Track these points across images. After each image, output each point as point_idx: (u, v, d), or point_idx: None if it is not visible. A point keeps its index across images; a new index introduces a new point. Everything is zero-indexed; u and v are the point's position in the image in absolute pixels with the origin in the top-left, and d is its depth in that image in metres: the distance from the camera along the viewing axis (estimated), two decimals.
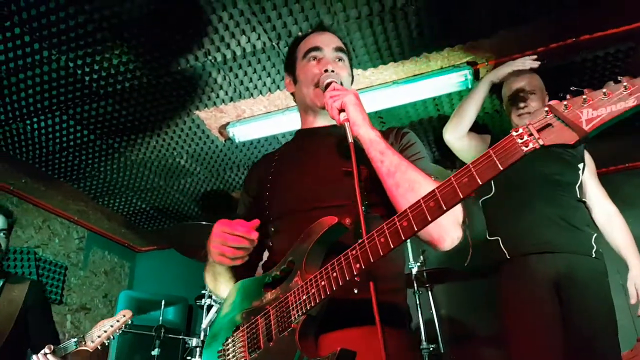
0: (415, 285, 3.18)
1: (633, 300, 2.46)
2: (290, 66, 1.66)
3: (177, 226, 4.53)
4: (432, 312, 3.18)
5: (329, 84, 1.40)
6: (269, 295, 1.27)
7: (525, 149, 0.89)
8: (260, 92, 3.05)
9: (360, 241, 1.07)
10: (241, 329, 1.29)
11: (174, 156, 3.71)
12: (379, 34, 2.65)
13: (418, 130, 3.56)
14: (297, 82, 1.60)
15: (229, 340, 1.31)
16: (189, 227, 3.44)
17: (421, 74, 3.00)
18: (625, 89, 0.83)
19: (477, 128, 3.26)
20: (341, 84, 1.44)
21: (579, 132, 0.85)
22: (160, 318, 3.83)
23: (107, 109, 3.14)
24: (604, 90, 0.85)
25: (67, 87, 2.92)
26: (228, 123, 3.36)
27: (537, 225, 2.45)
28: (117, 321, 2.83)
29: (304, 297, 1.14)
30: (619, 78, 0.86)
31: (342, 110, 1.31)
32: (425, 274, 3.15)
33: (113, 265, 5.27)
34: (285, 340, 1.15)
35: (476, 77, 3.00)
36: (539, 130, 0.89)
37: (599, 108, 0.84)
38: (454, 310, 3.95)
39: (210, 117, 3.29)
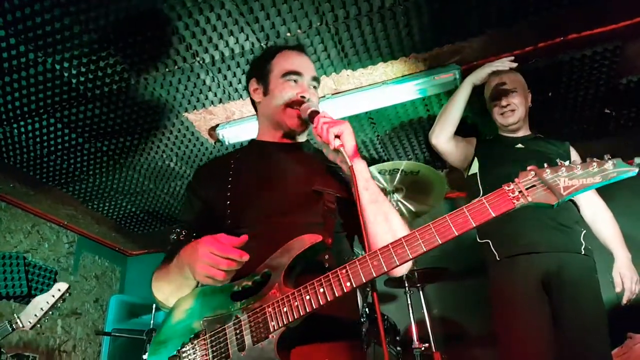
0: (406, 284, 3.17)
1: (618, 289, 2.51)
2: (261, 75, 1.68)
3: (168, 230, 4.50)
4: (423, 312, 3.18)
5: (316, 112, 1.47)
6: (238, 305, 1.28)
7: (516, 202, 1.09)
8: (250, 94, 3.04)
9: (352, 261, 1.18)
10: (201, 337, 1.27)
11: (163, 159, 3.69)
12: (367, 34, 2.65)
13: (408, 130, 3.57)
14: (268, 94, 1.63)
15: (186, 348, 1.27)
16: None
17: (410, 74, 3.00)
18: (595, 166, 1.05)
19: (466, 128, 3.29)
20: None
21: (558, 196, 1.05)
22: (152, 322, 3.81)
23: (95, 112, 3.11)
24: (579, 165, 1.06)
25: (54, 90, 2.89)
26: (217, 125, 3.34)
27: (525, 227, 2.47)
28: (53, 296, 2.77)
29: (285, 310, 1.19)
30: (588, 160, 1.08)
31: (336, 136, 1.37)
32: (416, 273, 3.15)
33: (104, 269, 5.22)
34: (260, 350, 1.19)
35: (465, 76, 3.01)
36: (527, 189, 1.09)
37: (573, 179, 1.06)
38: (445, 310, 3.96)
39: (199, 119, 3.27)
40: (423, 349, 2.91)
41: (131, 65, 2.75)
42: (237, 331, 1.23)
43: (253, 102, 1.77)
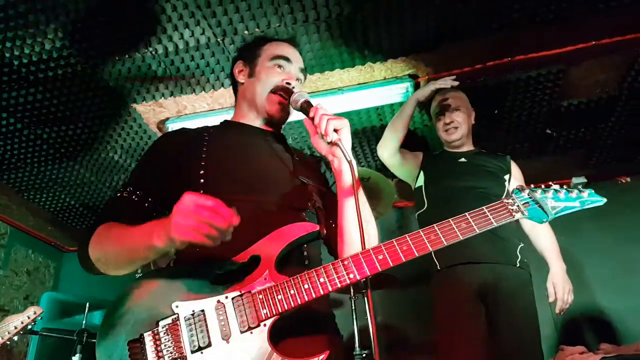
0: (351, 290, 3.18)
1: (551, 299, 2.60)
2: (249, 58, 1.66)
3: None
4: (367, 318, 3.19)
5: (309, 102, 1.41)
6: (220, 289, 1.19)
7: (515, 215, 1.22)
8: (203, 89, 2.98)
9: (355, 254, 1.19)
10: (172, 321, 1.16)
11: (107, 150, 3.54)
12: (325, 40, 2.67)
13: (361, 138, 3.61)
14: (253, 77, 1.61)
15: (152, 333, 1.15)
16: None
17: (365, 83, 3.05)
18: (576, 193, 1.26)
19: (416, 140, 3.37)
20: None
21: (548, 213, 1.23)
22: (84, 322, 3.63)
23: (36, 97, 2.96)
24: (563, 190, 1.26)
25: None
26: (168, 118, 3.26)
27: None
28: (28, 317, 2.84)
29: (279, 297, 1.15)
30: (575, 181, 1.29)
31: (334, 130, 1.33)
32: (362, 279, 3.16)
33: (37, 264, 4.95)
34: (249, 338, 1.13)
35: (416, 89, 3.08)
36: (523, 204, 1.24)
37: (558, 202, 1.24)
38: (389, 317, 4.00)
39: (148, 111, 3.18)
40: (364, 355, 2.92)
41: (79, 50, 2.64)
42: (221, 317, 1.15)
43: (235, 85, 1.72)
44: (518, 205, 1.23)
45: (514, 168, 2.88)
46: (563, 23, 2.61)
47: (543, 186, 1.27)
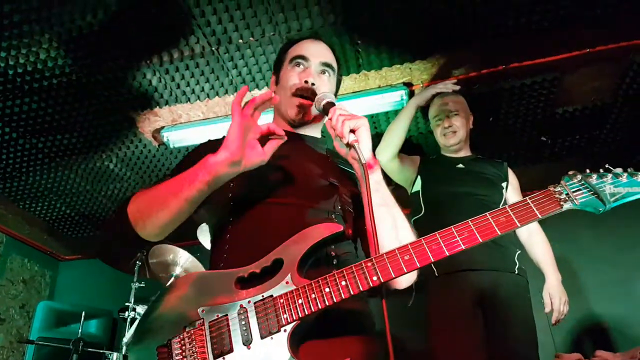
0: None
1: (547, 309, 2.59)
2: (277, 66, 1.67)
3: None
4: None
5: (331, 103, 1.36)
6: (244, 294, 1.17)
7: (563, 205, 1.07)
8: (198, 98, 2.99)
9: (379, 255, 1.12)
10: (198, 326, 1.16)
11: (102, 159, 3.55)
12: None
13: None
14: (279, 83, 1.61)
15: (179, 338, 1.16)
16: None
17: (360, 91, 3.05)
18: None
19: (412, 147, 3.34)
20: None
21: (606, 202, 1.06)
22: (80, 331, 3.62)
23: (31, 106, 2.97)
24: (625, 173, 1.08)
25: None
26: (163, 127, 3.25)
27: None
28: None
29: (300, 301, 1.11)
30: None
31: (351, 131, 1.28)
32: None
33: (33, 274, 4.94)
34: (270, 344, 1.10)
35: (411, 97, 3.09)
36: (573, 192, 1.08)
37: (618, 187, 1.06)
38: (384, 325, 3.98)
39: (143, 119, 3.18)
40: None
41: (74, 60, 2.64)
42: (243, 322, 1.13)
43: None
44: (567, 194, 1.08)
45: (511, 176, 2.87)
46: (558, 30, 2.61)
47: (601, 170, 1.11)
